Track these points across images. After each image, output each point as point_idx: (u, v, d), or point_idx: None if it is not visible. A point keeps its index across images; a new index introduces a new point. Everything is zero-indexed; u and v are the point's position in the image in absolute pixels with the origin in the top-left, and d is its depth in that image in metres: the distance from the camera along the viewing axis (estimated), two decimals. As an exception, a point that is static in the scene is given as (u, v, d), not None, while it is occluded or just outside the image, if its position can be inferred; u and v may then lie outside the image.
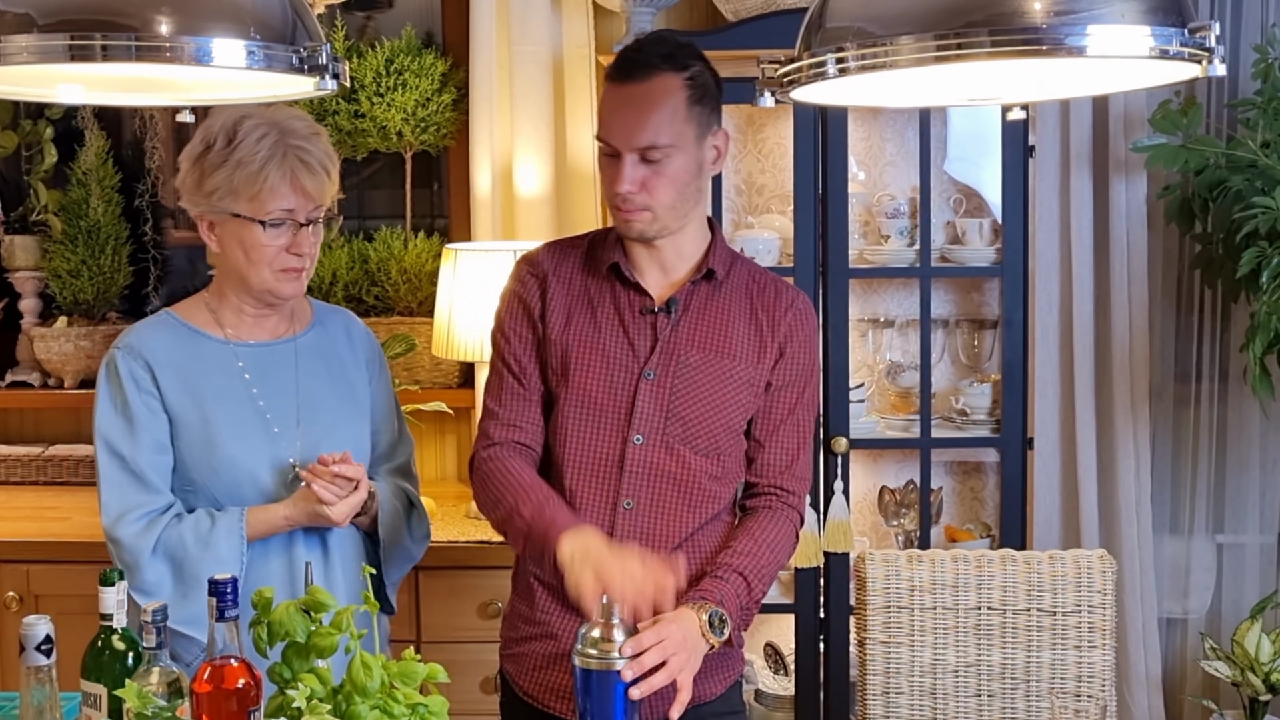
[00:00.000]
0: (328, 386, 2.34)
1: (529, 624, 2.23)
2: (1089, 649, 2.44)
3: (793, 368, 2.23)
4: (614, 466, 2.16)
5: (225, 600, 1.72)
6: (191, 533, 2.20)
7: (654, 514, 2.16)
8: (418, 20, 3.88)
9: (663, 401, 2.16)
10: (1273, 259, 3.04)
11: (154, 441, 2.23)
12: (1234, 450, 3.60)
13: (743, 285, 2.23)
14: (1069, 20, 1.43)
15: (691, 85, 2.10)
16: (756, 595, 2.13)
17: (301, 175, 2.19)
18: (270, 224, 2.19)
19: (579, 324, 2.21)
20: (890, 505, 3.56)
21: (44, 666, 1.76)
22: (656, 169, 2.09)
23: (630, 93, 2.10)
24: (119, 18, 1.46)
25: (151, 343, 2.26)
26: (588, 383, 2.18)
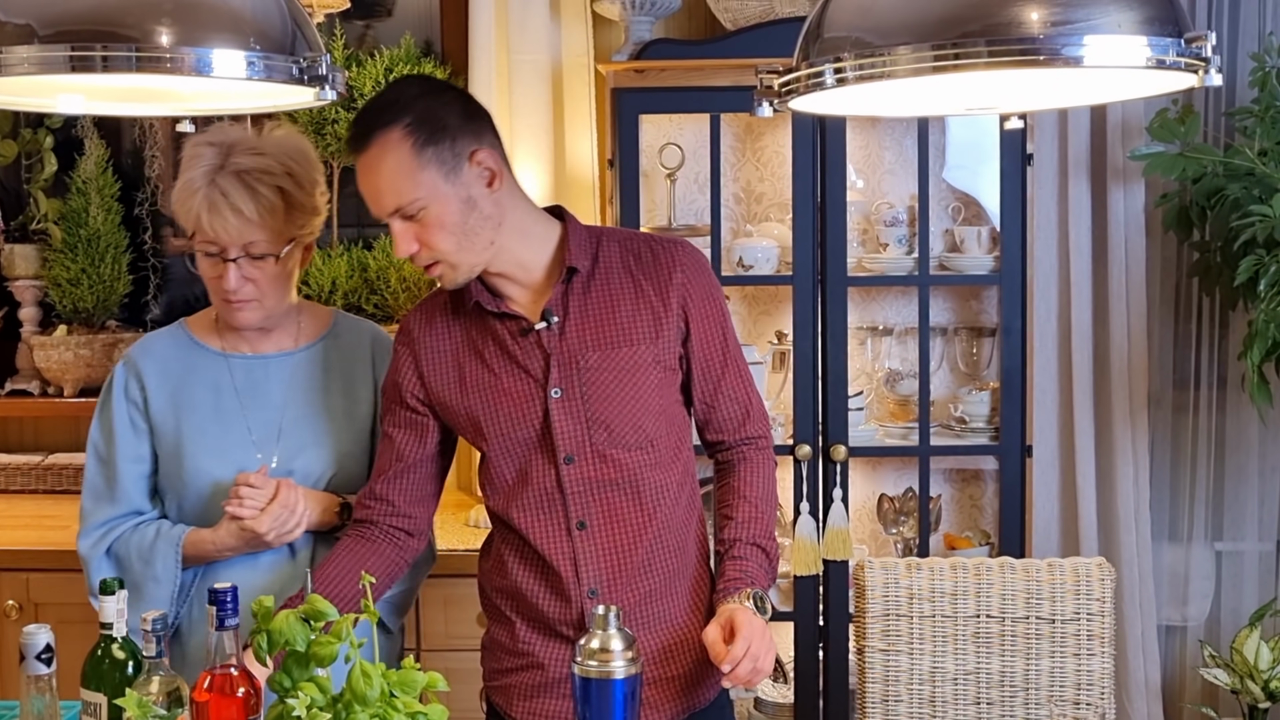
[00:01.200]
0: (321, 400, 2.33)
1: (512, 655, 2.21)
2: (1088, 657, 2.44)
3: (706, 324, 2.17)
4: (554, 494, 2.12)
5: (225, 609, 1.73)
6: (136, 546, 2.26)
7: (609, 526, 2.12)
8: (417, 29, 3.88)
9: (578, 414, 2.10)
10: (1270, 267, 3.04)
11: (130, 452, 2.28)
12: (1233, 458, 3.60)
13: (617, 263, 2.15)
14: (1066, 30, 1.44)
15: (413, 130, 1.99)
16: (773, 556, 2.16)
17: (203, 213, 2.16)
18: (204, 252, 2.22)
19: (472, 375, 2.15)
20: (889, 513, 3.56)
21: (44, 675, 1.77)
22: (421, 223, 2.01)
23: (362, 163, 2.03)
24: (119, 29, 1.46)
25: (151, 353, 2.33)
26: (501, 425, 2.13)
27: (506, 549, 2.19)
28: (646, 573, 2.14)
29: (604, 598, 2.11)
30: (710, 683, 2.21)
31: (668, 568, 2.16)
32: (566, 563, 2.11)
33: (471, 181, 2.03)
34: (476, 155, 2.04)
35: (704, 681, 2.19)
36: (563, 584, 2.12)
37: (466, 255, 2.05)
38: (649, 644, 2.14)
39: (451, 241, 2.03)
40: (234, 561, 2.26)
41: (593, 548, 2.12)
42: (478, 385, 2.14)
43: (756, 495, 2.19)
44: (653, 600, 2.16)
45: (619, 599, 2.11)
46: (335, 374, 2.36)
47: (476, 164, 2.04)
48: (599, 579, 2.11)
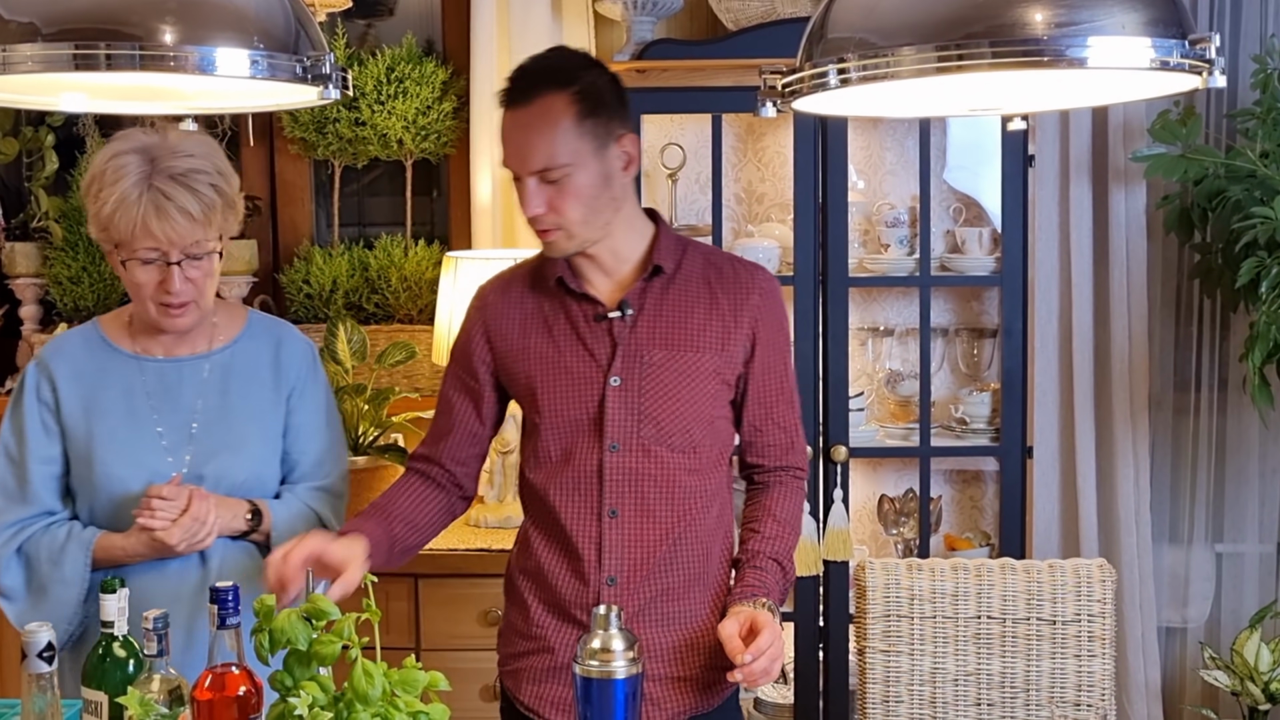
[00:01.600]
0: (233, 404, 2.33)
1: (525, 639, 2.23)
2: (1088, 658, 2.44)
3: (770, 351, 2.22)
4: (593, 478, 2.16)
5: (226, 607, 1.73)
6: (47, 547, 2.25)
7: (639, 519, 2.16)
8: (418, 28, 3.88)
9: (632, 405, 2.15)
10: (1271, 269, 3.04)
11: (40, 454, 2.27)
12: (1233, 459, 3.60)
13: (698, 273, 2.20)
14: (1070, 31, 1.44)
15: (580, 99, 2.06)
16: (790, 576, 2.18)
17: (150, 219, 2.15)
18: (141, 260, 2.18)
19: (537, 346, 2.20)
20: (890, 514, 3.56)
21: (45, 673, 1.76)
22: (559, 188, 2.07)
23: (518, 118, 2.09)
24: (123, 27, 1.46)
25: (64, 354, 2.31)
26: (556, 401, 2.18)
27: (535, 529, 2.24)
28: (667, 570, 2.16)
29: (622, 587, 2.14)
30: (721, 685, 2.21)
31: (689, 569, 2.17)
32: (591, 547, 2.15)
33: (613, 161, 2.11)
34: (623, 139, 2.12)
35: (714, 683, 2.20)
36: (584, 567, 2.15)
37: (586, 229, 2.12)
38: (662, 642, 2.17)
39: (579, 212, 2.09)
40: (143, 566, 2.25)
41: (620, 536, 2.15)
42: (541, 357, 2.20)
43: (785, 516, 2.23)
44: (670, 598, 2.17)
45: (637, 591, 2.15)
46: (247, 377, 2.35)
47: (621, 146, 2.12)
48: (620, 567, 2.15)
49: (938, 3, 1.49)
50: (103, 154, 2.20)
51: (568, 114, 2.05)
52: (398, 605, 3.18)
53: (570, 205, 2.08)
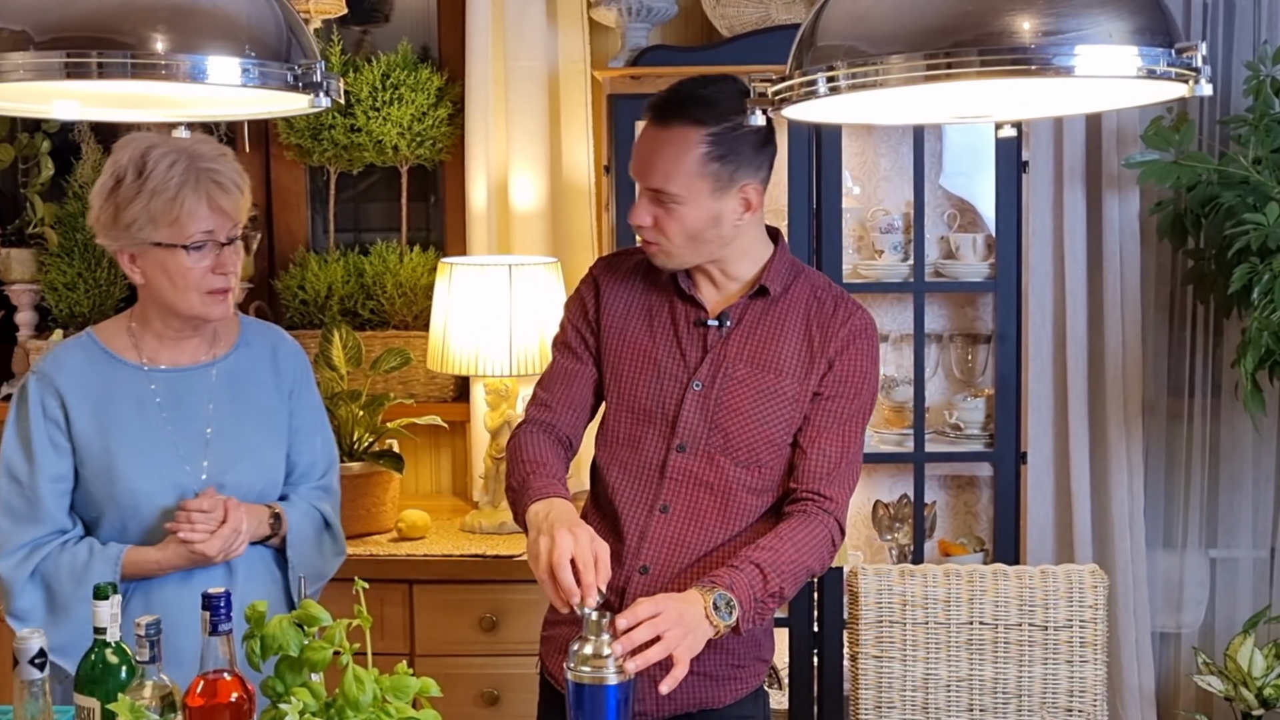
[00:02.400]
0: (243, 412, 2.34)
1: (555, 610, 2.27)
2: (1080, 664, 2.45)
3: (841, 379, 2.23)
4: (655, 472, 2.23)
5: (219, 614, 1.73)
6: (68, 566, 2.22)
7: (688, 520, 2.20)
8: (414, 35, 3.89)
9: (707, 412, 2.21)
10: (1264, 275, 3.05)
11: (50, 472, 2.24)
12: (1227, 465, 3.61)
13: (801, 302, 2.25)
14: (1057, 40, 1.44)
15: (712, 142, 2.11)
16: (773, 588, 2.10)
17: (217, 195, 2.20)
18: (192, 247, 2.20)
19: (634, 332, 2.28)
20: (884, 519, 3.57)
21: (37, 680, 1.77)
22: (668, 211, 2.14)
23: (652, 135, 2.16)
24: (115, 35, 1.47)
25: (67, 368, 2.28)
26: (637, 389, 2.26)
27: (592, 503, 2.32)
28: (699, 573, 2.17)
29: (652, 578, 2.19)
30: (736, 684, 2.25)
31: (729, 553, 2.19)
32: (635, 533, 2.21)
33: (728, 205, 2.16)
34: (746, 188, 2.16)
35: (729, 679, 2.23)
36: (622, 549, 2.20)
37: (685, 254, 2.20)
38: None
39: (681, 238, 2.17)
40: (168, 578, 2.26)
41: (665, 533, 2.20)
42: (635, 345, 2.27)
43: (791, 538, 2.15)
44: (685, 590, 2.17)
45: (664, 585, 2.17)
46: (252, 383, 2.37)
47: (742, 195, 2.16)
48: (655, 559, 2.20)
49: (927, 11, 1.49)
50: (127, 155, 2.20)
51: (695, 152, 2.11)
52: (393, 611, 3.19)
53: (673, 230, 2.16)
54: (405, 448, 3.56)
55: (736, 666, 2.24)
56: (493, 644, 3.18)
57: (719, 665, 2.21)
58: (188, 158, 2.19)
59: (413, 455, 3.73)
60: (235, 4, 1.54)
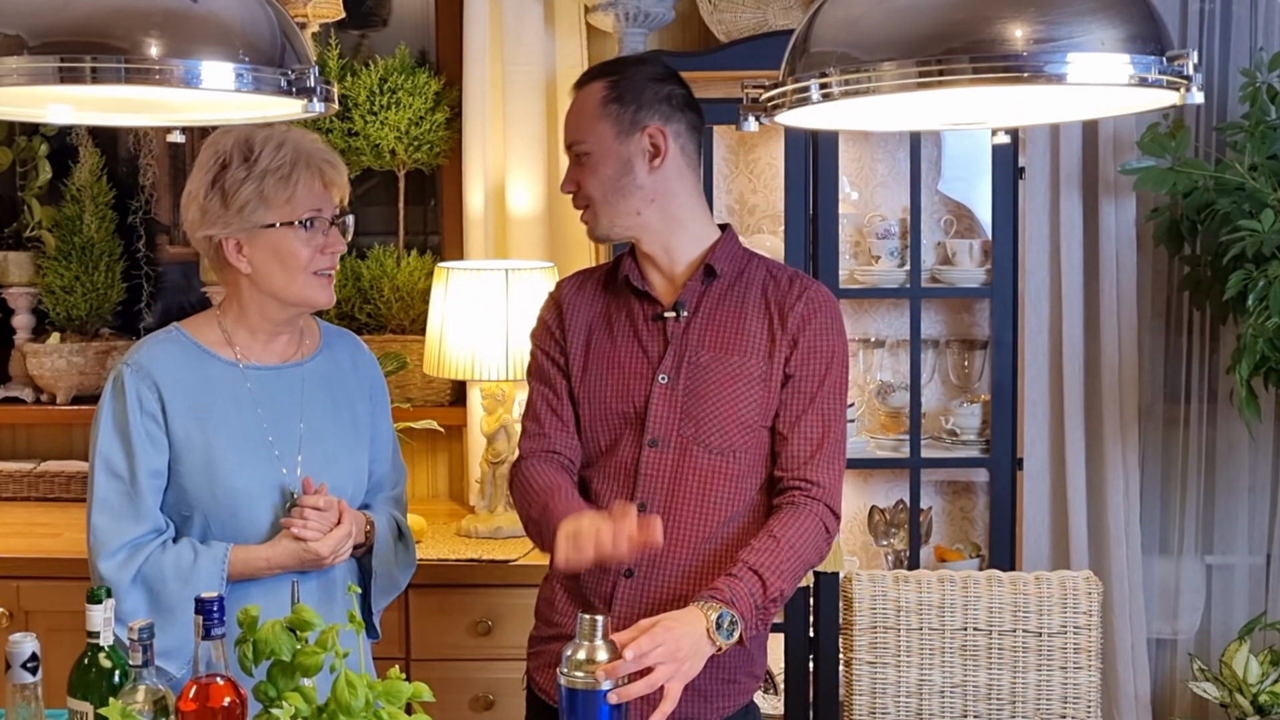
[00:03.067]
0: (331, 414, 2.33)
1: (547, 624, 2.30)
2: (1075, 670, 2.45)
3: (808, 356, 2.22)
4: (630, 471, 2.22)
5: (211, 619, 1.73)
6: (172, 566, 2.16)
7: (666, 515, 2.17)
8: (412, 39, 3.89)
9: (676, 403, 2.21)
10: (1259, 281, 3.05)
11: (150, 467, 2.18)
12: (1223, 471, 3.61)
13: (758, 281, 2.26)
14: (1049, 48, 1.45)
15: (609, 86, 2.20)
16: (774, 593, 2.08)
17: (329, 172, 2.23)
18: (305, 225, 2.20)
19: (597, 341, 2.29)
20: (880, 525, 3.57)
21: (29, 684, 1.77)
22: (583, 167, 2.22)
23: (573, 99, 2.27)
24: (109, 40, 1.47)
25: (161, 361, 2.22)
26: (604, 393, 2.26)
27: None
28: (685, 572, 2.18)
29: (639, 580, 2.19)
30: (728, 698, 2.23)
31: (709, 574, 2.17)
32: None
33: (635, 150, 2.20)
34: (650, 129, 2.20)
35: (721, 694, 2.21)
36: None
37: (610, 211, 2.22)
38: None
39: (599, 191, 2.21)
40: (264, 587, 2.22)
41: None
42: (598, 353, 2.28)
43: (785, 537, 2.13)
44: (685, 601, 2.15)
45: (653, 587, 2.18)
46: (338, 386, 2.36)
47: (648, 136, 2.20)
48: (639, 560, 2.17)
49: (919, 18, 1.50)
50: (228, 141, 2.18)
51: (595, 98, 2.20)
52: (388, 615, 3.16)
53: (592, 186, 2.21)
54: (403, 451, 3.56)
55: (728, 681, 2.21)
56: (488, 649, 3.18)
57: (710, 680, 2.18)
58: (292, 139, 2.20)
59: (409, 459, 3.70)
60: (229, 9, 1.55)
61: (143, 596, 2.16)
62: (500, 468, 3.36)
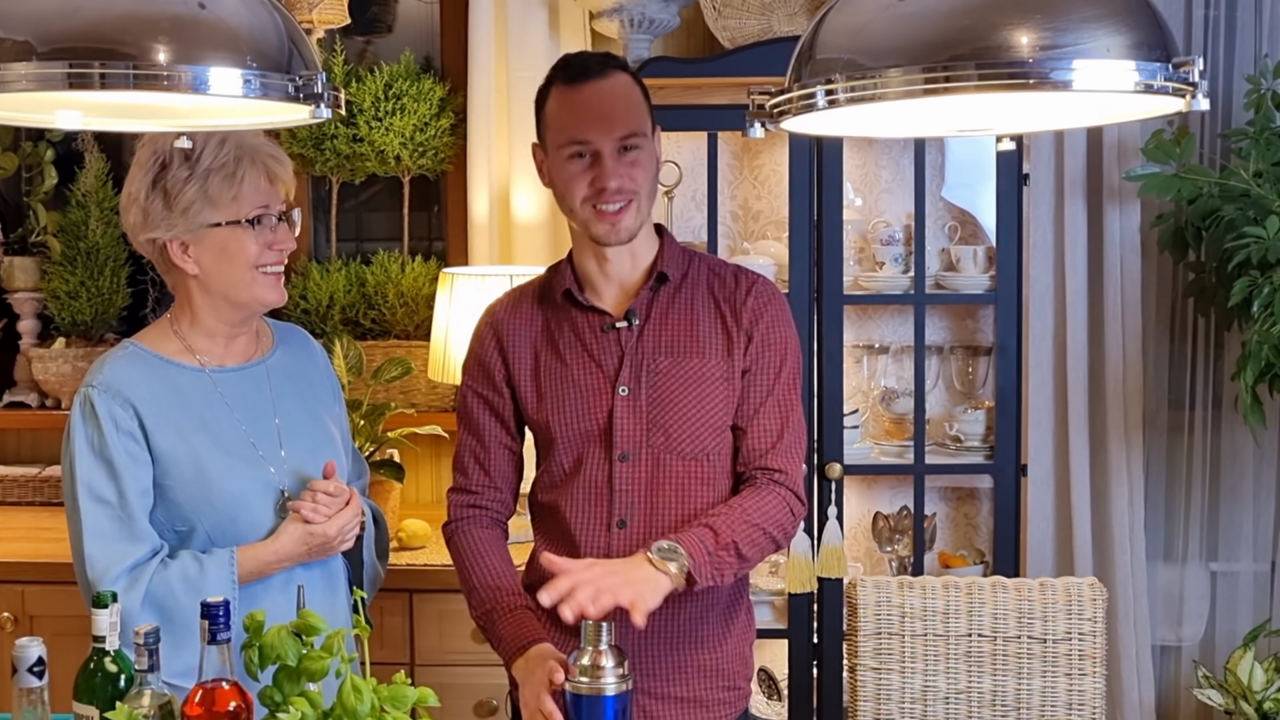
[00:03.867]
0: (301, 407, 2.31)
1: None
2: (1079, 676, 2.45)
3: (763, 350, 2.20)
4: (604, 489, 2.18)
5: (217, 623, 1.73)
6: (180, 580, 2.12)
7: (647, 529, 2.15)
8: (417, 45, 3.90)
9: (641, 414, 2.17)
10: (1264, 288, 3.05)
11: (138, 486, 2.14)
12: (1228, 478, 3.61)
13: (704, 281, 2.23)
14: (1055, 55, 1.45)
15: (639, 84, 2.18)
16: (726, 541, 2.05)
17: (274, 167, 2.19)
18: (253, 222, 2.17)
19: (545, 362, 2.23)
20: (884, 531, 3.57)
21: (36, 688, 1.77)
22: (635, 158, 2.13)
23: (596, 89, 2.13)
24: (117, 46, 1.47)
25: (129, 379, 2.16)
26: (564, 414, 2.20)
27: (545, 544, 2.24)
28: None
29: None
30: (724, 708, 2.22)
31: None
32: (598, 554, 2.14)
33: (658, 149, 2.22)
34: (658, 132, 2.22)
35: (717, 703, 2.21)
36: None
37: (647, 208, 2.18)
38: (666, 658, 2.18)
39: (649, 185, 2.17)
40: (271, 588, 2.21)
41: (627, 547, 2.14)
42: (550, 374, 2.22)
43: (740, 502, 2.13)
44: (678, 613, 2.16)
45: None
46: (302, 380, 2.35)
47: (655, 138, 2.21)
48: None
49: (925, 25, 1.50)
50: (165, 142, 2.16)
51: (636, 91, 2.16)
52: (392, 620, 3.19)
53: (643, 178, 2.14)
54: (406, 457, 3.57)
55: (728, 689, 2.22)
56: (491, 654, 3.13)
57: (710, 689, 2.20)
58: (234, 135, 2.16)
59: (413, 465, 3.73)
60: (237, 15, 1.55)
61: (153, 617, 2.09)
62: (504, 473, 3.35)
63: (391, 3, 4.00)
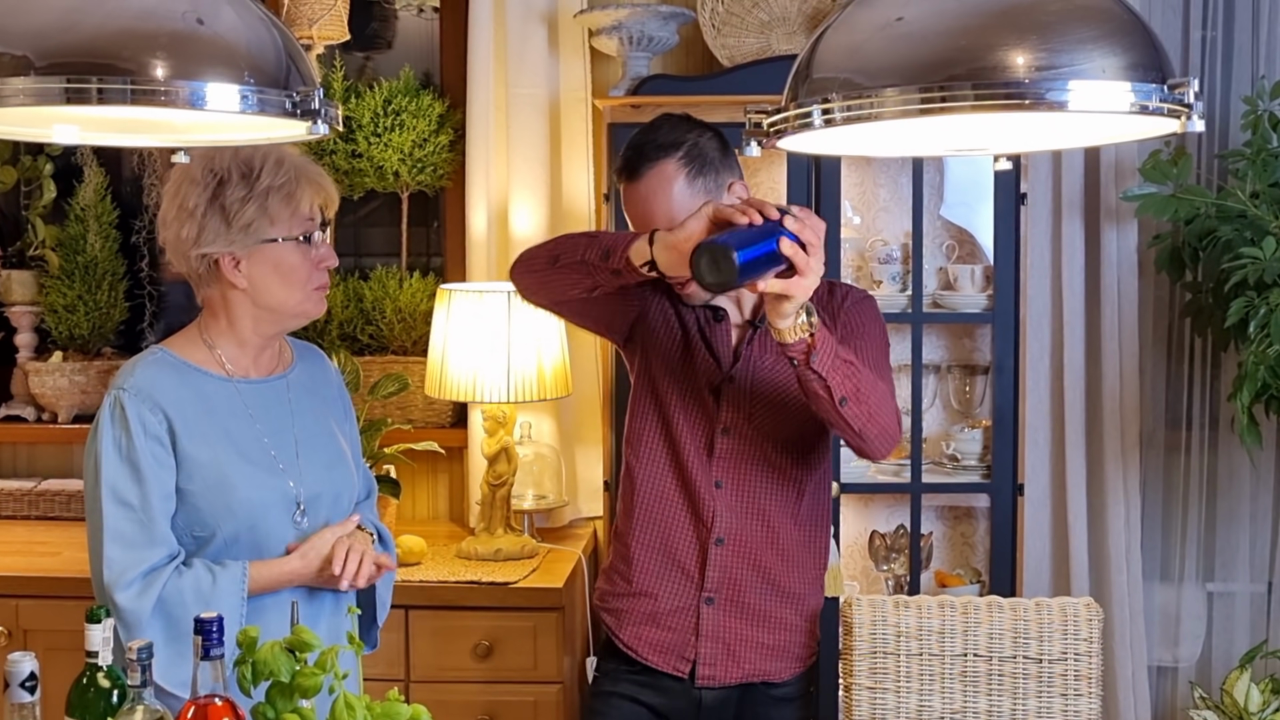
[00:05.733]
0: (317, 423, 2.34)
1: (627, 583, 2.45)
2: (1075, 697, 2.44)
3: (848, 330, 2.33)
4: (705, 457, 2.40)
5: (210, 639, 1.72)
6: (192, 593, 2.13)
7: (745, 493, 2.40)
8: (416, 61, 3.91)
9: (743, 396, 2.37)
10: (1260, 309, 3.05)
11: (162, 490, 2.16)
12: (1224, 498, 3.61)
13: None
14: (1051, 75, 1.45)
15: (687, 163, 2.27)
16: (846, 356, 2.15)
17: (326, 184, 2.26)
18: (298, 238, 2.22)
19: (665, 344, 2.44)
20: (881, 550, 3.56)
21: (28, 704, 1.76)
22: None
23: (634, 192, 2.30)
24: (115, 61, 1.47)
25: (159, 384, 2.19)
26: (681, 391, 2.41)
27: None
28: (768, 540, 2.39)
29: (729, 546, 2.38)
30: (794, 663, 2.46)
31: (791, 542, 2.41)
32: (706, 510, 2.39)
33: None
34: (734, 186, 2.33)
35: (789, 659, 2.45)
36: (700, 529, 2.39)
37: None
38: (759, 600, 2.41)
39: None
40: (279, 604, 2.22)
41: (725, 505, 2.39)
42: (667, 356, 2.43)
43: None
44: (769, 570, 2.40)
45: (742, 550, 2.39)
46: (318, 396, 2.38)
47: (733, 194, 2.31)
48: (726, 529, 2.38)
49: (921, 45, 1.50)
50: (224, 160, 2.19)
51: (678, 179, 2.26)
52: (388, 636, 3.16)
53: None
54: (402, 473, 3.56)
55: (802, 645, 2.46)
56: (488, 671, 3.18)
57: (788, 642, 2.44)
58: (289, 156, 2.22)
59: (410, 481, 3.73)
60: (235, 31, 1.55)
61: (159, 626, 2.11)
62: (501, 490, 3.35)
63: (391, 19, 4.00)
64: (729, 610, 2.39)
